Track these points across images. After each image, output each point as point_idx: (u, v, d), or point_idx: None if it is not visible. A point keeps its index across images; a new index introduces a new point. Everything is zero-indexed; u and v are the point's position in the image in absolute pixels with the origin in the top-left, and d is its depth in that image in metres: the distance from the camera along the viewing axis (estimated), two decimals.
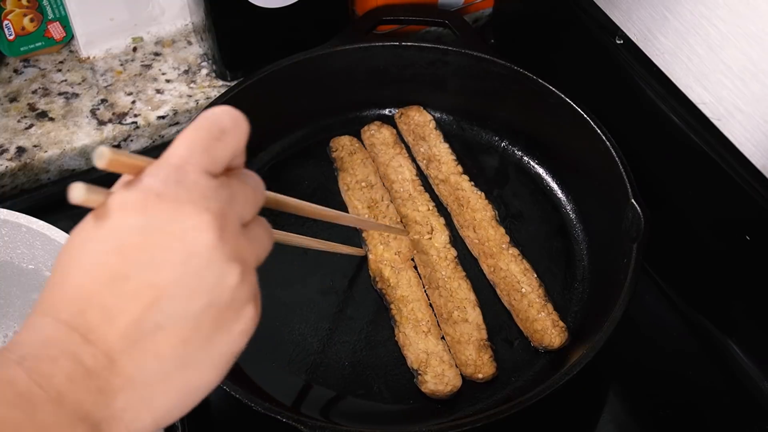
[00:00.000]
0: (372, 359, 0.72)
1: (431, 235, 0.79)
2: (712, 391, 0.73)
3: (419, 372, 0.69)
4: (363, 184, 0.83)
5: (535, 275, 0.76)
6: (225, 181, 0.37)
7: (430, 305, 0.74)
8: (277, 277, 0.77)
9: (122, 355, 0.34)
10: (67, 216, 0.83)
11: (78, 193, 0.34)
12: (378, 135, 0.88)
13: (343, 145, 0.87)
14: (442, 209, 0.83)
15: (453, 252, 0.78)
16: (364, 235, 0.79)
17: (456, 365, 0.70)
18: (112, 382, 0.34)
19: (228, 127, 0.37)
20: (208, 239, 0.34)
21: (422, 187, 0.84)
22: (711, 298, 0.76)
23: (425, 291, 0.76)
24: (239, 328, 0.37)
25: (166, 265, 0.34)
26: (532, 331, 0.73)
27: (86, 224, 0.35)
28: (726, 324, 0.74)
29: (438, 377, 0.69)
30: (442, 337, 0.72)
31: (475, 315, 0.74)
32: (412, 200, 0.82)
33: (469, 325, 0.73)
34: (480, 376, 0.70)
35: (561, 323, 0.73)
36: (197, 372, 0.36)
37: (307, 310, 0.75)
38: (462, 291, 0.75)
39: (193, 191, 0.35)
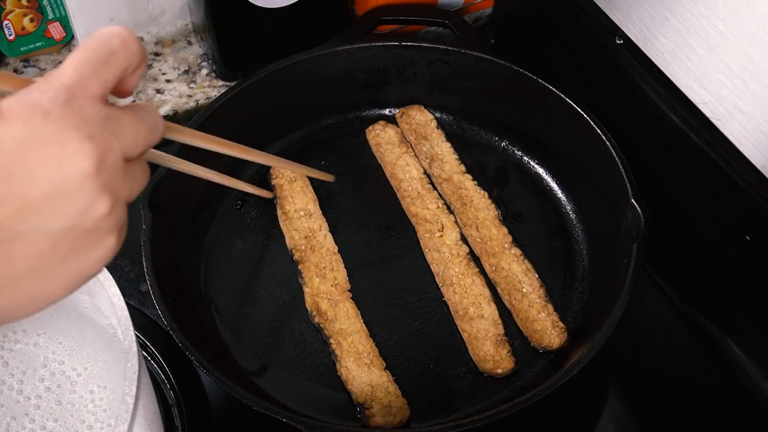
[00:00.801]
0: None
1: (442, 232, 0.80)
2: (712, 391, 0.73)
3: (366, 406, 0.68)
4: (302, 212, 0.81)
5: (537, 276, 0.76)
6: (116, 112, 0.38)
7: (371, 337, 0.72)
8: (277, 277, 0.77)
9: None
10: None
11: None
12: (383, 135, 0.88)
13: (283, 173, 0.85)
14: (450, 207, 0.83)
15: (465, 249, 0.79)
16: (300, 267, 0.77)
17: (401, 395, 0.69)
18: None
19: (117, 50, 0.38)
20: (85, 168, 0.35)
21: (430, 185, 0.84)
22: (711, 298, 0.76)
23: (440, 288, 0.76)
24: (97, 254, 0.38)
25: (37, 181, 0.34)
26: (531, 331, 0.73)
27: None
28: (726, 324, 0.74)
29: (385, 409, 0.67)
30: (386, 368, 0.70)
31: (491, 311, 0.74)
32: (421, 198, 0.83)
33: (485, 321, 0.73)
34: (499, 371, 0.70)
35: (561, 324, 0.73)
36: (46, 284, 0.37)
37: (307, 310, 0.75)
38: (476, 287, 0.75)
39: (80, 116, 0.35)
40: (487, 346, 0.71)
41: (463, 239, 0.80)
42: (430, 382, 0.71)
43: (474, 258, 0.79)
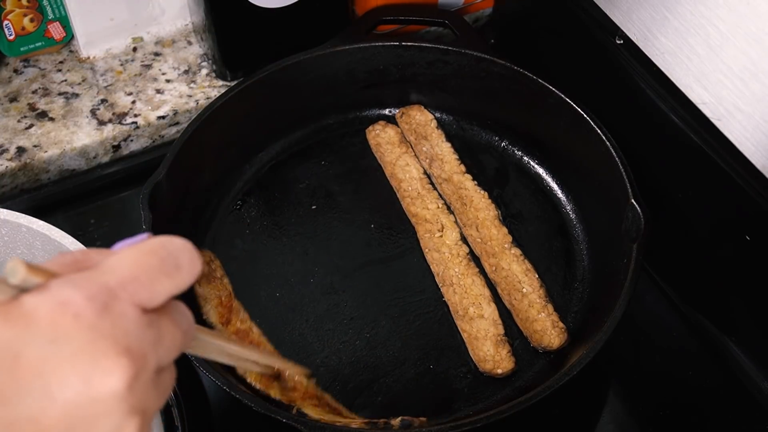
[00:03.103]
0: (372, 360, 0.72)
1: (442, 232, 0.80)
2: (712, 391, 0.73)
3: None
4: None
5: (537, 276, 0.76)
6: (155, 319, 0.32)
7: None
8: (277, 277, 0.77)
9: None
10: (67, 216, 0.83)
11: None
12: (383, 135, 0.88)
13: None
14: (450, 207, 0.83)
15: (465, 249, 0.79)
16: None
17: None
18: None
19: (184, 266, 0.33)
20: (116, 387, 0.30)
21: (430, 185, 0.84)
22: (711, 298, 0.76)
23: (440, 288, 0.76)
24: None
25: (58, 401, 0.29)
26: (531, 331, 0.73)
27: None
28: (726, 324, 0.74)
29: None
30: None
31: (491, 311, 0.74)
32: (421, 198, 0.83)
33: (485, 321, 0.73)
34: (499, 371, 0.70)
35: (561, 324, 0.73)
36: None
37: (307, 310, 0.75)
38: (476, 287, 0.75)
39: (118, 325, 0.30)
40: (487, 346, 0.71)
41: (463, 239, 0.80)
42: (430, 382, 0.71)
43: (474, 258, 0.79)
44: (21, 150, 0.84)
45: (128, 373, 0.30)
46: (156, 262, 0.32)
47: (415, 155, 0.87)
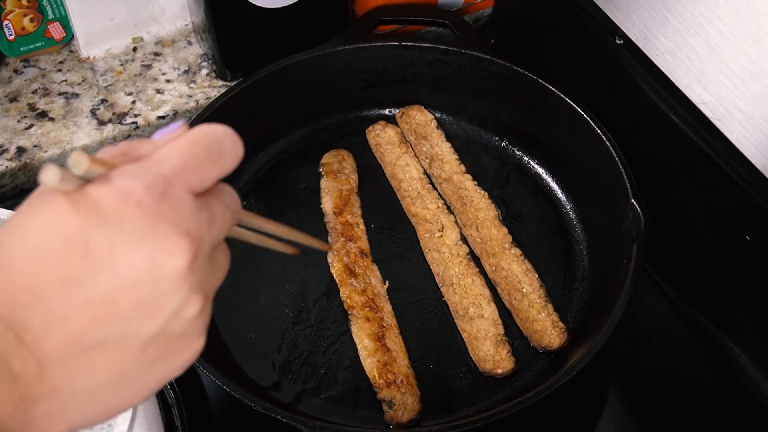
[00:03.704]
0: None
1: (442, 232, 0.80)
2: (712, 391, 0.73)
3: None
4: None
5: (537, 276, 0.76)
6: (206, 201, 0.34)
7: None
8: (277, 278, 0.77)
9: (55, 364, 0.31)
10: None
11: (51, 176, 0.31)
12: (383, 135, 0.88)
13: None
14: (450, 207, 0.83)
15: (465, 249, 0.79)
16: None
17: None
18: (37, 390, 0.31)
19: (227, 151, 0.35)
20: (179, 267, 0.32)
21: (430, 185, 0.84)
22: (711, 298, 0.76)
23: (440, 288, 0.76)
24: (183, 359, 0.35)
25: (127, 281, 0.31)
26: (531, 331, 0.73)
27: (53, 205, 0.32)
28: (726, 324, 0.74)
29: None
30: None
31: (490, 311, 0.74)
32: (421, 198, 0.83)
33: (485, 321, 0.73)
34: (499, 371, 0.70)
35: (561, 324, 0.73)
36: (126, 393, 0.34)
37: (307, 310, 0.75)
38: (476, 287, 0.76)
39: (176, 210, 0.32)
40: (487, 346, 0.71)
41: (463, 239, 0.80)
42: (430, 382, 0.71)
43: (474, 258, 0.79)
44: (21, 150, 0.84)
45: (189, 253, 0.32)
46: (202, 150, 0.34)
47: (415, 155, 0.87)
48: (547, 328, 0.72)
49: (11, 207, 0.67)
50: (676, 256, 0.79)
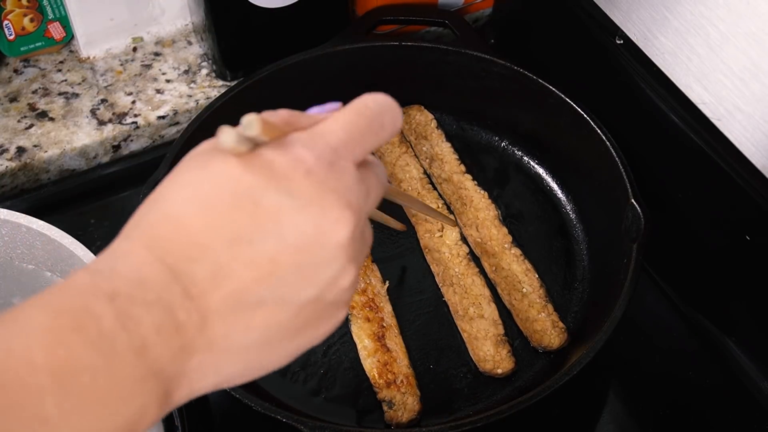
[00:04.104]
0: None
1: (442, 232, 0.80)
2: (712, 391, 0.73)
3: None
4: None
5: (537, 276, 0.76)
6: (365, 174, 0.36)
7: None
8: None
9: (216, 318, 0.32)
10: (67, 216, 0.83)
11: (228, 138, 0.32)
12: None
13: None
14: (451, 208, 0.83)
15: (465, 249, 0.79)
16: None
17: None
18: (196, 342, 0.31)
19: (387, 124, 0.36)
20: (342, 237, 0.33)
21: (430, 186, 0.84)
22: (711, 298, 0.76)
23: (440, 288, 0.76)
24: (326, 328, 0.36)
25: (292, 244, 0.32)
26: (531, 331, 0.73)
27: (225, 163, 0.33)
28: (726, 324, 0.74)
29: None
30: None
31: (490, 311, 0.74)
32: (421, 198, 0.83)
33: (485, 321, 0.73)
34: (499, 371, 0.70)
35: (561, 324, 0.73)
36: (273, 354, 0.35)
37: None
38: (476, 287, 0.76)
39: (342, 180, 0.33)
40: (487, 346, 0.71)
41: (463, 239, 0.80)
42: (430, 382, 0.71)
43: (474, 258, 0.79)
44: (21, 150, 0.84)
45: (351, 224, 0.33)
46: (365, 123, 0.35)
47: (415, 155, 0.87)
48: (547, 328, 0.72)
49: (11, 207, 0.67)
50: (676, 256, 0.79)
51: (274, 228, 0.32)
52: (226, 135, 0.32)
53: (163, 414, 0.31)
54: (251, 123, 0.32)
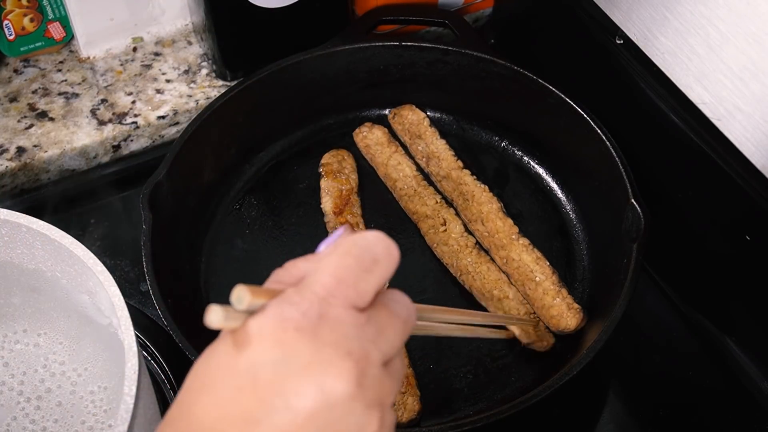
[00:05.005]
0: None
1: (445, 226, 0.80)
2: (712, 391, 0.73)
3: None
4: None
5: (548, 263, 0.76)
6: (372, 315, 0.34)
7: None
8: None
9: None
10: (67, 216, 0.83)
11: (215, 317, 0.32)
12: (371, 136, 0.88)
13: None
14: (449, 201, 0.83)
15: (471, 239, 0.79)
16: None
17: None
18: None
19: (381, 257, 0.34)
20: (347, 389, 0.32)
21: (425, 182, 0.84)
22: (711, 298, 0.76)
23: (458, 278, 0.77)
24: None
25: (302, 413, 0.31)
26: (548, 317, 0.73)
27: (222, 347, 0.33)
28: (726, 324, 0.74)
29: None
30: None
31: (513, 292, 0.75)
32: (418, 196, 0.83)
33: (511, 301, 0.75)
34: (545, 343, 0.72)
35: (576, 305, 0.73)
36: None
37: None
38: (493, 273, 0.77)
39: (336, 330, 0.32)
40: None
41: (467, 231, 0.80)
42: (430, 382, 0.71)
43: (481, 248, 0.79)
44: (21, 150, 0.84)
45: (354, 374, 0.32)
46: (353, 262, 0.34)
47: (406, 153, 0.87)
48: (563, 311, 0.73)
49: (11, 207, 0.67)
50: (676, 256, 0.79)
51: (279, 401, 0.31)
52: (211, 315, 0.32)
53: None
54: (239, 296, 0.32)
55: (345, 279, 0.33)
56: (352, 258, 0.34)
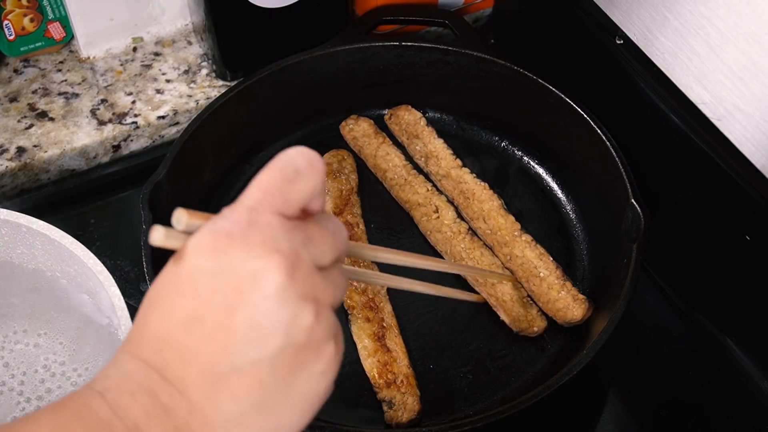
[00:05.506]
0: None
1: (438, 213, 0.81)
2: (712, 391, 0.73)
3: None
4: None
5: (551, 258, 0.76)
6: (300, 224, 0.37)
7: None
8: None
9: (199, 395, 0.34)
10: (67, 216, 0.83)
11: (157, 236, 0.36)
12: (357, 128, 0.88)
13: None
14: (450, 200, 0.83)
15: (464, 225, 0.80)
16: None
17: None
18: (189, 421, 0.34)
19: (303, 169, 0.37)
20: (279, 280, 0.34)
21: (415, 171, 0.85)
22: (711, 298, 0.76)
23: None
24: (319, 367, 0.37)
25: (238, 307, 0.34)
26: (555, 310, 0.73)
27: (167, 268, 0.36)
28: (726, 324, 0.74)
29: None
30: None
31: (506, 277, 0.76)
32: (409, 185, 0.83)
33: (505, 285, 0.75)
34: (535, 328, 0.72)
35: (581, 296, 0.73)
36: (276, 413, 0.36)
37: None
38: (486, 258, 0.77)
39: (265, 232, 0.35)
40: (516, 308, 0.73)
41: (460, 217, 0.81)
42: (430, 382, 0.71)
43: (472, 233, 0.80)
44: (21, 150, 0.84)
45: (284, 267, 0.34)
46: (277, 174, 0.37)
47: (394, 143, 0.87)
48: (568, 303, 0.73)
49: (11, 207, 0.67)
50: (676, 256, 0.79)
51: (216, 299, 0.34)
52: (155, 234, 0.36)
53: None
54: (179, 218, 0.36)
55: (270, 189, 0.36)
56: (276, 171, 0.37)
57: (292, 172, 0.37)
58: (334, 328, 0.38)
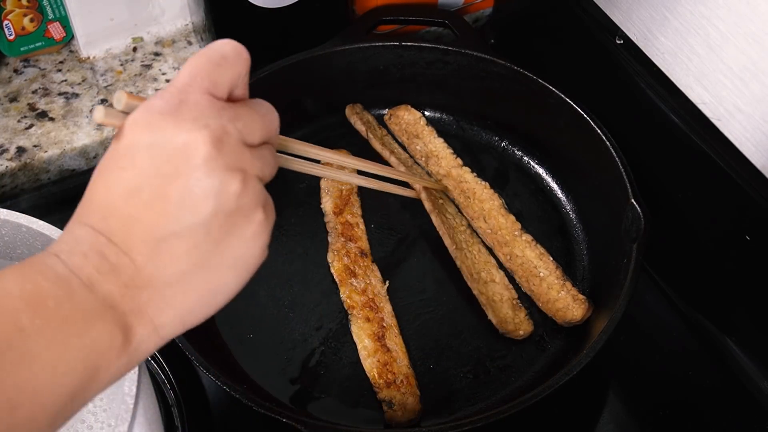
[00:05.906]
0: None
1: (443, 200, 0.82)
2: (712, 391, 0.73)
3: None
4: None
5: (551, 258, 0.76)
6: (230, 104, 0.40)
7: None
8: (277, 277, 0.77)
9: (143, 257, 0.37)
10: (67, 216, 0.83)
11: (99, 114, 0.39)
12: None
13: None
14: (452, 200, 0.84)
15: (464, 220, 0.81)
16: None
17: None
18: (136, 279, 0.38)
19: (229, 55, 0.40)
20: (206, 151, 0.37)
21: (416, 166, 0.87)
22: (711, 298, 0.76)
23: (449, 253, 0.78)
24: (249, 231, 0.40)
25: (171, 177, 0.37)
26: (554, 310, 0.73)
27: (110, 146, 0.39)
28: (726, 324, 0.74)
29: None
30: None
31: (500, 276, 0.76)
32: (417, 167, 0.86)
33: (497, 285, 0.75)
34: (521, 332, 0.72)
35: (581, 296, 0.73)
36: (214, 274, 0.39)
37: (307, 310, 0.75)
38: (482, 255, 0.78)
39: (194, 109, 0.38)
40: (505, 309, 0.73)
41: (461, 213, 0.82)
42: (430, 382, 0.71)
43: (476, 235, 0.81)
44: (21, 150, 0.84)
45: (210, 139, 0.37)
46: (204, 59, 0.40)
47: (381, 144, 0.88)
48: (568, 303, 0.73)
49: (11, 207, 0.67)
50: (676, 256, 0.79)
51: (151, 169, 0.37)
52: (96, 112, 0.39)
53: (139, 347, 0.38)
54: (119, 98, 0.39)
55: (199, 72, 0.39)
56: (204, 57, 0.40)
57: (219, 57, 0.40)
58: (263, 198, 0.41)
